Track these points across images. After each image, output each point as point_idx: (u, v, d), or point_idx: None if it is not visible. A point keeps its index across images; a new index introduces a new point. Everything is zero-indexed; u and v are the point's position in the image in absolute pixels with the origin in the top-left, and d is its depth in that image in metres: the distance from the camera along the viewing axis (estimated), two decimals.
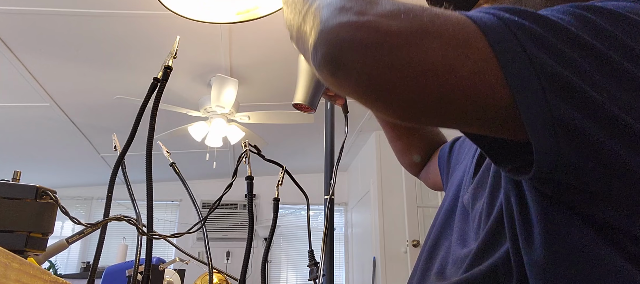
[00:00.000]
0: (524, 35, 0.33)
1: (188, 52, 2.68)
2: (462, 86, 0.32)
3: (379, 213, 4.00)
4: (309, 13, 0.41)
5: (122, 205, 1.87)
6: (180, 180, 0.80)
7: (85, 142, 3.96)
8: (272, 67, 2.83)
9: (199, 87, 3.09)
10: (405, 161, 0.96)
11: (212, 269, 0.74)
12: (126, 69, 2.83)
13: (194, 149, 3.99)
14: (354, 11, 0.35)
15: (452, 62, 0.32)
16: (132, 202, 0.72)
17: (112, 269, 0.95)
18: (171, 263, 0.98)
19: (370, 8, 0.35)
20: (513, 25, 0.33)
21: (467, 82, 0.32)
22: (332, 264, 1.93)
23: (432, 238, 0.62)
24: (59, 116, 3.39)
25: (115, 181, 0.62)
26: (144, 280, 0.62)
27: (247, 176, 0.67)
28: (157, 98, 0.63)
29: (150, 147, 0.62)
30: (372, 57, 0.33)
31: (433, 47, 0.32)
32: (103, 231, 0.66)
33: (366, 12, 0.34)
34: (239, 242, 5.14)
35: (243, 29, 2.48)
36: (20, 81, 2.86)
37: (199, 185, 4.67)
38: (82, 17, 2.31)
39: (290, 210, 5.32)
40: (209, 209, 0.65)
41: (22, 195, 0.50)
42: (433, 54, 0.32)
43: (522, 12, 0.35)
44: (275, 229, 0.70)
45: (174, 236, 0.65)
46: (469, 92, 0.32)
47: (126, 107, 3.05)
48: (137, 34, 2.47)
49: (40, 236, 0.51)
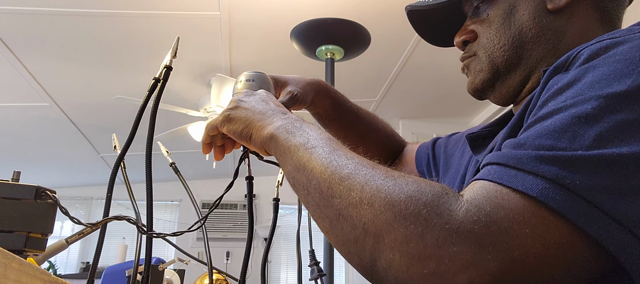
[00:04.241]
0: (590, 194, 0.33)
1: (188, 52, 2.68)
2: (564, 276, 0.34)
3: None
4: (364, 192, 0.39)
5: (122, 205, 1.87)
6: (180, 180, 0.80)
7: (85, 142, 3.96)
8: (272, 67, 2.82)
9: (199, 87, 3.08)
10: None
11: (212, 269, 0.74)
12: (126, 69, 2.83)
13: (194, 149, 3.99)
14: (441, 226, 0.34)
15: (551, 261, 0.33)
16: (132, 202, 0.71)
17: (112, 269, 0.95)
18: (171, 263, 0.97)
19: (455, 216, 0.35)
20: (573, 188, 0.33)
21: (567, 271, 0.33)
22: (332, 264, 1.93)
23: None
24: (58, 116, 3.39)
25: (115, 181, 0.62)
26: (144, 280, 0.62)
27: (247, 176, 0.67)
28: (157, 98, 0.63)
29: (150, 147, 0.62)
30: None
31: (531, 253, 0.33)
32: (103, 231, 0.66)
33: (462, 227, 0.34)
34: (239, 242, 5.14)
35: (243, 29, 2.48)
36: (20, 81, 2.86)
37: (199, 185, 4.66)
38: (82, 17, 2.31)
39: (290, 210, 5.31)
40: (209, 208, 0.65)
41: (21, 195, 0.50)
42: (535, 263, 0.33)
43: (561, 161, 0.35)
44: (275, 229, 0.70)
45: (173, 235, 0.65)
46: (572, 273, 0.34)
47: (126, 107, 3.05)
48: (137, 34, 2.47)
49: (39, 236, 0.51)
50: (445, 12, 0.66)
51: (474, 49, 0.62)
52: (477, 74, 0.61)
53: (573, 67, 0.42)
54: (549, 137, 0.36)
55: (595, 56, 0.40)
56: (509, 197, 0.34)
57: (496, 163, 0.38)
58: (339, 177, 0.42)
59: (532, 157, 0.35)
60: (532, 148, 0.36)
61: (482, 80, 0.61)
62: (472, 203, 0.35)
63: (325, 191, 0.43)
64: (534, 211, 0.33)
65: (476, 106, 3.52)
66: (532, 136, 0.38)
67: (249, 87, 0.71)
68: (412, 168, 0.88)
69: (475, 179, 0.39)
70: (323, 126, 0.88)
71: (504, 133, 0.47)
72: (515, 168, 0.36)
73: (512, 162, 0.36)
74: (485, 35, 0.60)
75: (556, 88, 0.41)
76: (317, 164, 0.46)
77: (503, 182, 0.35)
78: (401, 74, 3.01)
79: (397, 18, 2.38)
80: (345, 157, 0.45)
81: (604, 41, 0.41)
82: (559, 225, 0.33)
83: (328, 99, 0.83)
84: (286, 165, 0.52)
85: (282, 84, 0.77)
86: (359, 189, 0.40)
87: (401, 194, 0.37)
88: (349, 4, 2.27)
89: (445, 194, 0.37)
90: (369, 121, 0.89)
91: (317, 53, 2.18)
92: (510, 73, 0.59)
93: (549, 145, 0.36)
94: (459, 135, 0.81)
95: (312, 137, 0.50)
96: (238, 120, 0.61)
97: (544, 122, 0.38)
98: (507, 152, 0.38)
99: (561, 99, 0.39)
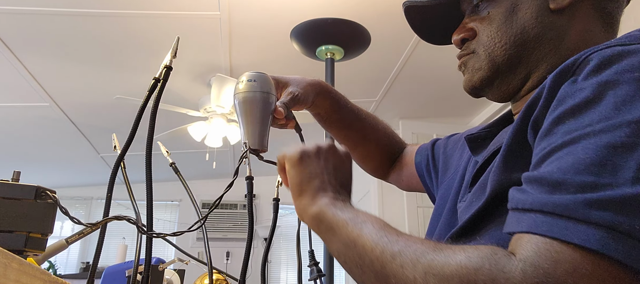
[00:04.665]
0: (627, 226, 0.32)
1: (188, 52, 2.68)
2: None
3: (379, 213, 3.99)
4: None
5: (122, 205, 1.87)
6: (180, 180, 0.80)
7: (85, 142, 3.96)
8: (272, 67, 2.82)
9: (199, 87, 3.08)
10: (368, 167, 0.96)
11: (212, 269, 0.74)
12: (126, 69, 2.83)
13: (193, 149, 3.99)
14: None
15: None
16: (132, 202, 0.71)
17: (112, 269, 0.95)
18: (171, 263, 0.97)
19: None
20: (634, 233, 0.32)
21: None
22: (332, 264, 1.93)
23: (434, 238, 0.62)
24: (58, 116, 3.39)
25: (115, 181, 0.62)
26: (144, 280, 0.62)
27: (247, 176, 0.67)
28: (157, 98, 0.63)
29: (150, 147, 0.62)
30: None
31: None
32: (103, 231, 0.66)
33: None
34: (239, 242, 5.14)
35: (243, 29, 2.48)
36: (20, 81, 2.86)
37: (199, 185, 4.66)
38: (82, 17, 2.31)
39: (290, 210, 5.30)
40: (209, 208, 0.65)
41: (21, 195, 0.50)
42: None
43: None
44: (275, 229, 0.70)
45: (173, 235, 0.65)
46: None
47: (126, 107, 3.05)
48: (137, 34, 2.47)
49: (39, 236, 0.51)
50: (442, 9, 0.66)
51: (472, 47, 0.61)
52: (475, 71, 0.61)
53: (582, 73, 0.40)
54: (588, 172, 0.34)
55: (607, 64, 0.39)
56: (566, 251, 0.33)
57: (540, 211, 0.35)
58: (391, 255, 0.42)
59: (580, 203, 0.33)
60: (575, 189, 0.34)
61: (481, 78, 0.60)
62: (527, 262, 0.33)
63: (379, 270, 0.43)
64: (596, 263, 0.32)
65: (476, 106, 3.52)
66: (567, 169, 0.36)
67: (250, 88, 0.70)
68: (411, 169, 0.88)
69: (519, 231, 0.37)
70: (324, 127, 0.88)
71: (507, 139, 0.47)
72: (565, 217, 0.34)
73: (559, 210, 0.34)
74: (485, 33, 0.59)
75: (573, 104, 0.39)
76: (368, 241, 0.45)
77: (555, 236, 0.33)
78: (401, 74, 3.01)
79: (397, 18, 2.38)
80: (394, 233, 0.44)
81: (616, 48, 0.40)
82: (625, 275, 0.32)
83: (329, 99, 0.83)
84: (333, 242, 0.51)
85: (283, 85, 0.77)
86: (412, 267, 0.39)
87: (453, 268, 0.36)
88: (349, 4, 2.27)
89: (496, 256, 0.35)
90: (370, 122, 0.90)
91: (317, 53, 2.18)
92: (510, 72, 0.58)
93: (591, 183, 0.34)
94: (458, 136, 0.81)
95: (359, 214, 0.50)
96: (294, 178, 0.60)
97: (574, 150, 0.36)
98: (547, 197, 0.35)
99: (585, 121, 0.37)
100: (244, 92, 0.70)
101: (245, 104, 0.70)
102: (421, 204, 3.82)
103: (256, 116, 0.69)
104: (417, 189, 0.89)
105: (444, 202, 0.66)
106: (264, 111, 0.70)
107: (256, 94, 0.70)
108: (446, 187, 0.71)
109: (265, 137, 0.70)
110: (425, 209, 3.84)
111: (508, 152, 0.46)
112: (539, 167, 0.39)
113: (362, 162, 0.96)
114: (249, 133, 0.69)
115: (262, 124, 0.70)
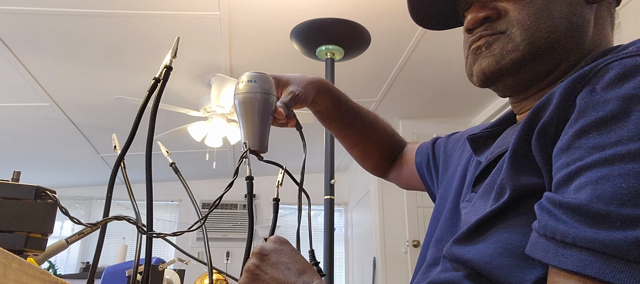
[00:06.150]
0: None
1: (188, 52, 2.68)
2: None
3: (379, 213, 3.99)
4: None
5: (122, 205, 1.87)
6: (180, 180, 0.80)
7: (85, 142, 3.96)
8: (272, 67, 2.82)
9: (199, 87, 3.08)
10: (367, 166, 0.96)
11: (212, 269, 0.74)
12: (126, 69, 2.83)
13: (193, 149, 3.99)
14: None
15: None
16: (132, 202, 0.71)
17: (112, 269, 0.95)
18: (171, 263, 0.97)
19: None
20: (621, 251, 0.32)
21: None
22: (332, 264, 1.93)
23: (435, 237, 0.62)
24: (58, 116, 3.39)
25: (115, 181, 0.62)
26: (144, 280, 0.62)
27: (247, 176, 0.67)
28: (157, 98, 0.63)
29: (150, 147, 0.62)
30: None
31: None
32: (103, 231, 0.66)
33: None
34: (239, 242, 5.14)
35: (243, 29, 2.48)
36: (20, 81, 2.86)
37: (199, 185, 4.67)
38: (82, 17, 2.31)
39: (290, 210, 5.31)
40: (209, 208, 0.65)
41: (21, 195, 0.50)
42: None
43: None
44: (275, 229, 0.70)
45: (173, 235, 0.65)
46: None
47: (126, 107, 3.05)
48: (137, 34, 2.47)
49: (39, 236, 0.51)
50: None
51: (500, 27, 0.55)
52: (508, 53, 0.54)
53: (601, 82, 0.39)
54: (633, 204, 0.33)
55: (629, 76, 0.38)
56: None
57: (587, 249, 0.34)
58: None
59: (630, 243, 0.32)
60: (621, 223, 0.33)
61: (514, 60, 0.54)
62: None
63: None
64: None
65: (476, 106, 3.52)
66: (608, 199, 0.34)
67: (250, 88, 0.71)
68: (412, 168, 0.88)
69: (564, 268, 0.35)
70: (324, 125, 0.88)
71: (513, 144, 0.46)
72: (614, 257, 0.32)
73: (609, 250, 0.32)
74: (525, 12, 0.54)
75: (597, 118, 0.37)
76: None
77: (608, 279, 0.32)
78: (401, 74, 3.01)
79: (397, 18, 2.38)
80: None
81: (637, 58, 0.38)
82: None
83: (329, 97, 0.83)
84: None
85: (284, 84, 0.77)
86: None
87: None
88: (349, 4, 2.28)
89: None
90: (370, 120, 0.90)
91: (317, 53, 2.18)
92: (543, 58, 0.54)
93: (637, 217, 0.32)
94: (459, 135, 0.80)
95: None
96: None
97: (610, 175, 0.34)
98: (592, 233, 0.34)
99: (612, 138, 0.36)
100: (244, 92, 0.70)
101: (245, 104, 0.70)
102: (421, 204, 3.82)
103: (256, 117, 0.69)
104: (417, 187, 0.89)
105: (444, 202, 0.66)
106: (264, 112, 0.70)
107: (256, 95, 0.70)
108: (446, 186, 0.71)
109: (266, 137, 0.70)
110: (425, 209, 3.84)
111: (514, 157, 0.45)
112: (567, 186, 0.37)
113: (362, 161, 0.96)
114: (249, 134, 0.69)
115: (262, 125, 0.70)
